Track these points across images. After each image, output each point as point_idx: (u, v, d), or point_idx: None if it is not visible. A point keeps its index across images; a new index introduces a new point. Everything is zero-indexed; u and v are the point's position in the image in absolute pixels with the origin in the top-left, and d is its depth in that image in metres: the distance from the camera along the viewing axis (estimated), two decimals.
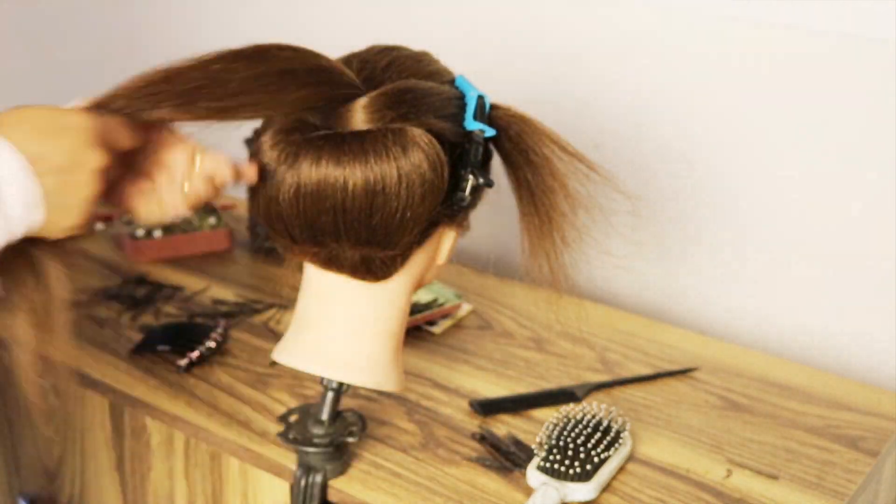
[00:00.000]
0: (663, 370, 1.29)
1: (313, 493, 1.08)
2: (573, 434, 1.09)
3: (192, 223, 1.57)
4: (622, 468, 1.11)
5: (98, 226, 1.61)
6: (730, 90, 1.41)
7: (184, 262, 1.52)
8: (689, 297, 1.50)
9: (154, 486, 1.25)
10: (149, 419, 1.22)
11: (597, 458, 1.07)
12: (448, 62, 1.05)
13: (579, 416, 1.12)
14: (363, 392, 1.21)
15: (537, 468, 1.07)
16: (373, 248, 0.97)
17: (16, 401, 1.36)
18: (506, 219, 1.12)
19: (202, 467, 1.19)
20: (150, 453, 1.23)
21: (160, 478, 1.24)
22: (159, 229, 1.54)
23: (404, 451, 1.14)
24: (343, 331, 1.03)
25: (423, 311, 1.36)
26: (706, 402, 1.23)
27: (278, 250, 1.04)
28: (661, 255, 1.51)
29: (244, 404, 1.20)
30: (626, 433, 1.12)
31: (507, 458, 1.12)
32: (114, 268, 1.50)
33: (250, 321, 1.37)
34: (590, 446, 1.07)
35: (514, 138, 1.02)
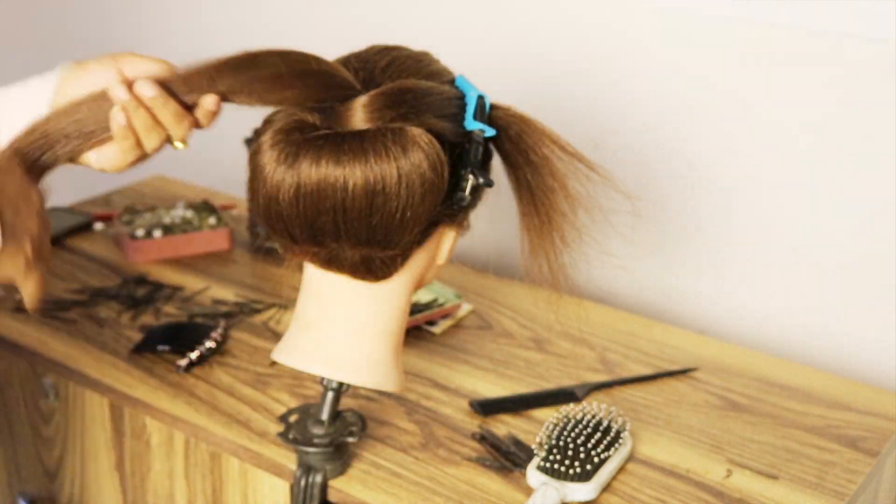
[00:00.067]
0: (663, 370, 1.29)
1: (313, 493, 1.08)
2: (573, 434, 1.09)
3: (193, 223, 1.57)
4: (622, 468, 1.11)
5: (98, 226, 1.61)
6: (730, 90, 1.41)
7: (184, 262, 1.52)
8: (689, 297, 1.50)
9: (154, 486, 1.25)
10: (149, 419, 1.22)
11: (597, 458, 1.07)
12: (448, 62, 1.05)
13: (579, 416, 1.12)
14: (363, 392, 1.21)
15: (537, 468, 1.07)
16: (373, 247, 0.97)
17: (16, 401, 1.36)
18: (506, 219, 1.12)
19: (202, 467, 1.19)
20: (150, 453, 1.23)
21: (160, 478, 1.24)
22: (159, 229, 1.54)
23: (404, 451, 1.14)
24: (343, 331, 1.03)
25: (423, 311, 1.36)
26: (706, 402, 1.23)
27: (278, 250, 1.04)
28: (660, 255, 1.51)
29: (244, 404, 1.20)
30: (626, 433, 1.12)
31: (507, 458, 1.12)
32: (114, 268, 1.50)
33: (250, 321, 1.37)
34: (590, 446, 1.07)
35: (514, 138, 1.02)
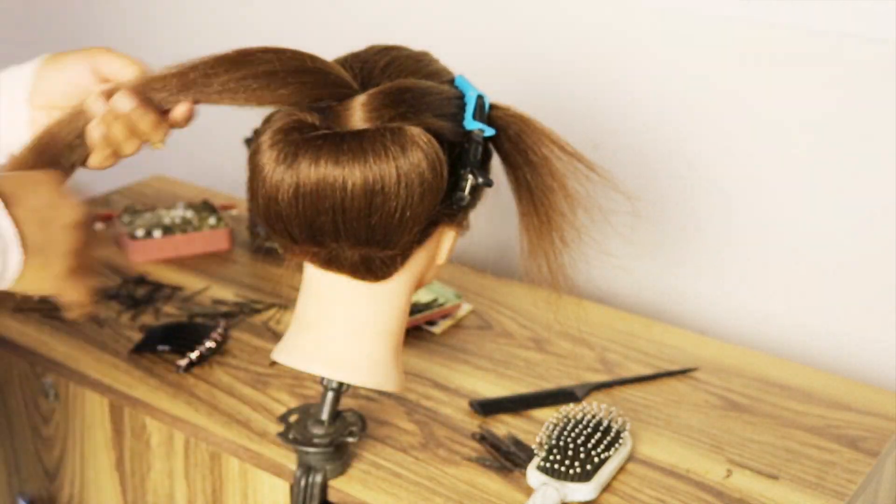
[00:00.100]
0: (663, 370, 1.29)
1: (313, 493, 1.08)
2: (573, 434, 1.09)
3: (193, 223, 1.57)
4: (622, 468, 1.11)
5: (98, 226, 1.61)
6: (730, 90, 1.41)
7: (184, 262, 1.52)
8: (688, 297, 1.50)
9: (154, 486, 1.25)
10: (149, 419, 1.22)
11: (597, 458, 1.07)
12: (448, 62, 1.05)
13: (579, 416, 1.12)
14: (363, 392, 1.21)
15: (537, 468, 1.07)
16: (372, 247, 0.97)
17: (16, 401, 1.36)
18: (505, 219, 1.12)
19: (202, 467, 1.19)
20: (150, 453, 1.23)
21: (160, 478, 1.24)
22: (159, 229, 1.54)
23: (404, 451, 1.14)
24: (343, 331, 1.03)
25: (423, 311, 1.36)
26: (706, 402, 1.23)
27: (278, 250, 1.04)
28: (660, 254, 1.51)
29: (244, 404, 1.20)
30: (626, 433, 1.12)
31: (507, 458, 1.12)
32: (114, 268, 1.50)
33: (250, 321, 1.37)
34: (590, 446, 1.07)
35: (514, 138, 1.02)
